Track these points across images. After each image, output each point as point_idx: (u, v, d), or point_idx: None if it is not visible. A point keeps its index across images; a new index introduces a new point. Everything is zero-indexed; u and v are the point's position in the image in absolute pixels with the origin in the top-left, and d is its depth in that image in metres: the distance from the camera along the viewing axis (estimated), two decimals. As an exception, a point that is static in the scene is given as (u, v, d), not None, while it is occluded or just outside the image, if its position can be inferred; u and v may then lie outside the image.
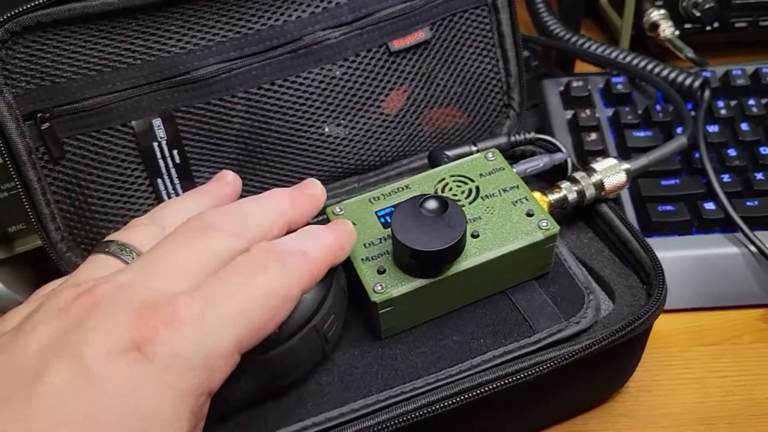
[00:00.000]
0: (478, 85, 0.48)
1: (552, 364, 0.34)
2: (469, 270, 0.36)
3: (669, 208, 0.48)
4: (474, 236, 0.37)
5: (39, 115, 0.38)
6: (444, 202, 0.35)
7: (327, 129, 0.45)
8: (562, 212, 0.43)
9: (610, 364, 0.39)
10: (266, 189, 0.44)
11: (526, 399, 0.37)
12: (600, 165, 0.42)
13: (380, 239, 0.37)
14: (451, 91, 0.47)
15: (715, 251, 0.46)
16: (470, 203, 0.39)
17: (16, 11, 0.36)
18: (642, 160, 0.43)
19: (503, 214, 0.38)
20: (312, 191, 0.33)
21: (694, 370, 0.44)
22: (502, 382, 0.34)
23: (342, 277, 0.36)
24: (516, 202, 0.38)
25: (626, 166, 0.42)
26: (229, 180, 0.36)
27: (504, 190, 0.39)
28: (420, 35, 0.44)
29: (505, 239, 0.37)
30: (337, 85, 0.44)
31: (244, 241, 0.28)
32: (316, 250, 0.29)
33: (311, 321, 0.33)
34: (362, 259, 0.36)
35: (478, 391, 0.34)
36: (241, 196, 0.44)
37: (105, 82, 0.39)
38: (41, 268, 0.52)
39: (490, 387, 0.34)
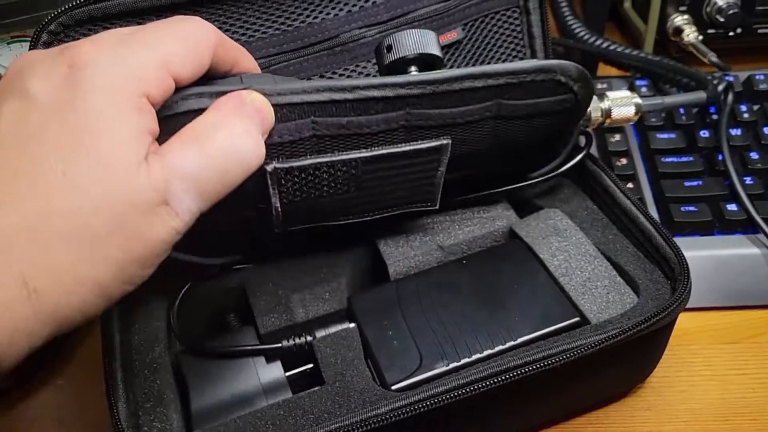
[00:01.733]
0: (507, 84, 0.49)
1: (579, 351, 0.35)
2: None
3: (691, 208, 0.49)
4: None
5: (87, 104, 0.40)
6: None
7: (360, 124, 0.46)
8: (585, 212, 0.44)
9: (634, 356, 0.40)
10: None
11: (550, 387, 0.38)
12: (612, 93, 0.42)
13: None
14: (480, 90, 0.48)
15: (737, 252, 0.47)
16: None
17: (71, 5, 0.38)
18: (656, 100, 0.44)
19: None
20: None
21: (715, 367, 0.45)
22: (530, 368, 0.35)
23: None
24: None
25: (638, 100, 0.42)
26: None
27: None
28: (453, 35, 0.46)
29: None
30: (371, 82, 0.45)
31: None
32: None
33: None
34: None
35: (506, 376, 0.35)
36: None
37: (150, 74, 0.41)
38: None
39: (518, 372, 0.35)
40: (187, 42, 0.29)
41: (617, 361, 0.39)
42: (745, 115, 0.54)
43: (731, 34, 0.62)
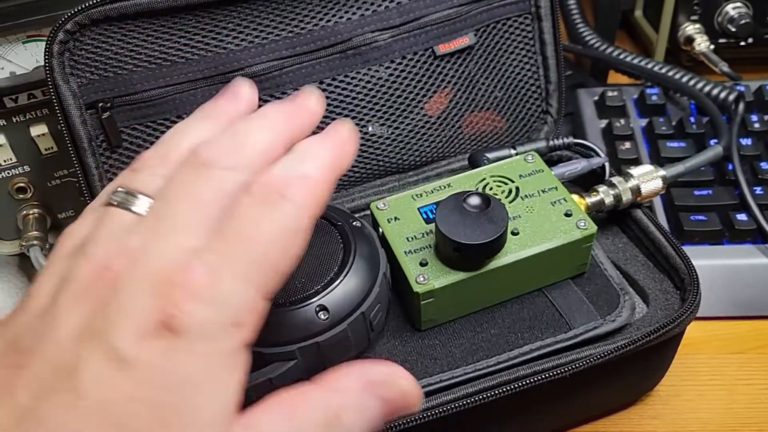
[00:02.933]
0: (518, 91, 0.49)
1: (588, 361, 0.35)
2: (508, 265, 0.37)
3: (701, 217, 0.48)
4: (514, 233, 0.38)
5: (100, 104, 0.40)
6: (486, 198, 0.36)
7: (371, 128, 0.46)
8: (597, 216, 0.44)
9: (642, 365, 0.40)
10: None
11: (560, 395, 0.38)
12: (637, 171, 0.43)
13: (422, 233, 0.39)
14: (491, 96, 0.48)
15: (746, 261, 0.47)
16: (510, 202, 0.40)
17: (87, 5, 0.38)
18: (678, 168, 0.44)
19: (542, 214, 0.39)
20: (309, 103, 0.29)
21: (723, 377, 0.44)
22: (540, 377, 0.35)
23: (387, 268, 0.37)
24: (554, 202, 0.40)
25: (662, 172, 0.43)
26: (243, 93, 0.30)
27: (543, 191, 0.40)
28: (464, 40, 0.46)
29: (543, 237, 0.38)
30: (383, 85, 0.45)
31: (245, 174, 0.26)
32: (317, 171, 0.26)
33: (360, 308, 0.34)
34: (405, 252, 0.38)
35: (516, 385, 0.35)
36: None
37: (164, 75, 0.41)
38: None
39: (528, 381, 0.35)
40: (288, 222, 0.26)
41: (626, 371, 0.39)
42: (756, 125, 0.54)
43: (743, 43, 0.62)
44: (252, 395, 0.34)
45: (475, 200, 0.36)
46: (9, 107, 0.43)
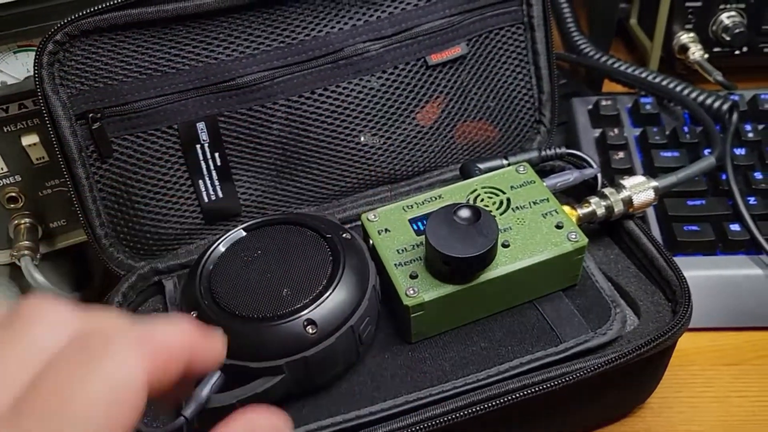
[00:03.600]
0: (511, 100, 0.49)
1: (578, 375, 0.35)
2: (499, 278, 0.37)
3: (694, 228, 0.48)
4: (504, 246, 0.38)
5: (90, 115, 0.40)
6: (477, 211, 0.36)
7: (363, 138, 0.46)
8: (589, 227, 0.43)
9: (634, 378, 0.39)
10: (303, 193, 0.46)
11: (551, 409, 0.38)
12: (629, 182, 0.43)
13: (413, 246, 0.39)
14: (484, 106, 0.48)
15: (740, 272, 0.47)
16: (501, 214, 0.40)
17: (77, 15, 0.38)
18: (670, 179, 0.44)
19: (533, 226, 0.39)
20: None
21: (716, 388, 0.44)
22: (529, 391, 0.35)
23: (377, 281, 0.37)
24: (546, 214, 0.40)
25: (654, 183, 0.43)
26: None
27: (534, 203, 0.40)
28: (457, 50, 0.46)
29: (534, 249, 0.38)
30: (375, 96, 0.45)
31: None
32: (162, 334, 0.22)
33: (348, 321, 0.34)
34: (395, 264, 0.38)
35: (505, 399, 0.34)
36: (279, 200, 0.46)
37: (154, 86, 0.41)
38: (80, 262, 0.54)
39: (517, 395, 0.35)
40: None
41: (617, 384, 0.39)
42: (750, 135, 0.53)
43: (737, 52, 0.62)
44: (240, 409, 0.34)
45: (465, 213, 0.36)
46: (0, 117, 0.43)
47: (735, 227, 0.48)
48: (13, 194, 0.46)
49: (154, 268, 0.43)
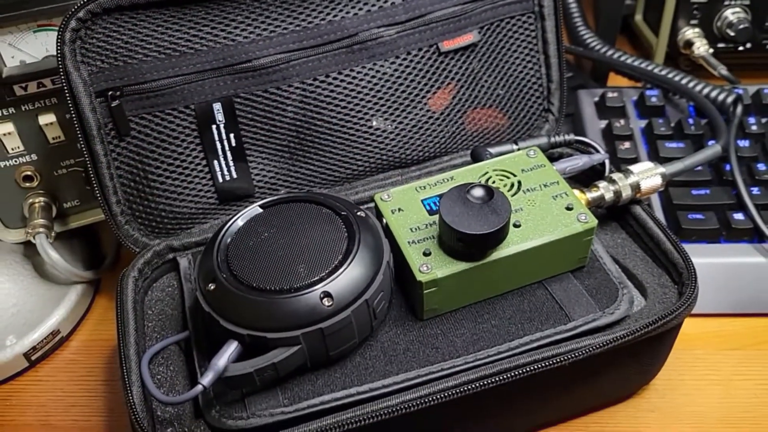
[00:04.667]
0: (521, 88, 0.50)
1: (587, 351, 0.36)
2: (510, 257, 0.38)
3: (699, 216, 0.49)
4: (516, 226, 0.39)
5: (110, 93, 0.41)
6: (490, 190, 0.37)
7: (375, 122, 0.47)
8: (596, 213, 0.44)
9: (640, 357, 0.40)
10: (315, 176, 0.47)
11: (560, 386, 0.39)
12: (637, 167, 0.44)
13: (426, 225, 0.39)
14: (494, 93, 0.49)
15: (743, 260, 0.47)
16: (512, 196, 0.41)
17: (99, -6, 0.38)
18: (677, 165, 0.45)
19: (544, 207, 0.40)
20: None
21: (720, 372, 0.45)
22: (540, 365, 0.35)
23: (390, 257, 0.38)
24: (556, 196, 0.40)
25: (662, 169, 0.44)
26: None
27: (545, 185, 0.41)
28: (469, 38, 0.46)
29: (545, 230, 0.39)
30: (388, 80, 0.46)
31: None
32: None
33: (363, 295, 0.35)
34: (408, 242, 0.38)
35: (516, 373, 0.35)
36: (292, 182, 0.47)
37: (173, 65, 0.41)
38: (92, 243, 0.54)
39: (528, 369, 0.35)
40: None
41: (623, 362, 0.39)
42: (754, 127, 0.54)
43: (741, 48, 0.63)
44: (256, 379, 0.35)
45: (478, 192, 0.37)
46: (18, 95, 0.44)
47: (738, 216, 0.49)
48: (29, 173, 0.47)
49: (169, 246, 0.44)
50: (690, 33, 0.62)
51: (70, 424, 0.44)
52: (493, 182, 0.42)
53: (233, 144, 0.44)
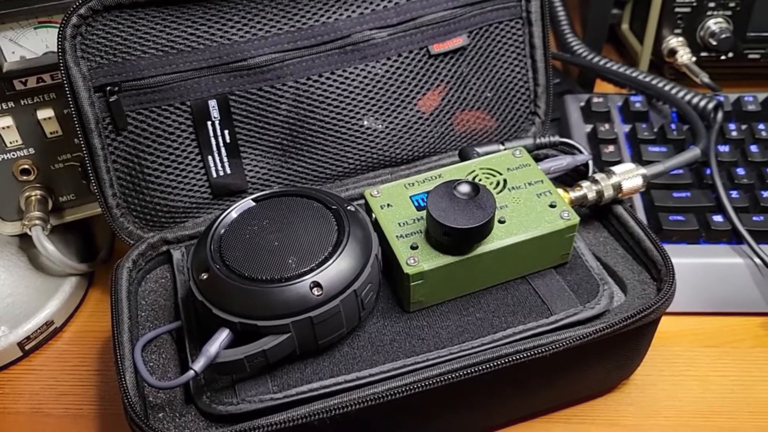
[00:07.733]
0: (508, 91, 0.51)
1: (568, 342, 0.37)
2: (495, 251, 0.39)
3: (679, 218, 0.51)
4: (501, 222, 0.40)
5: (108, 88, 0.42)
6: (476, 186, 0.38)
7: (366, 122, 0.48)
8: (579, 212, 0.46)
9: (620, 351, 0.41)
10: (307, 173, 0.48)
11: (540, 377, 0.40)
12: (619, 168, 0.45)
13: (414, 219, 0.41)
14: (482, 96, 0.51)
15: (721, 261, 0.49)
16: (498, 193, 0.42)
17: (100, -9, 0.40)
18: (658, 167, 0.47)
19: (528, 204, 0.41)
20: None
21: (697, 368, 0.46)
22: (521, 356, 0.37)
23: (379, 251, 0.39)
24: (540, 194, 0.42)
25: (643, 171, 0.45)
26: None
27: (529, 183, 0.42)
28: (458, 41, 0.48)
29: (529, 226, 0.40)
30: (379, 81, 0.47)
31: None
32: None
33: (352, 285, 0.36)
34: (397, 236, 0.40)
35: (498, 363, 0.36)
36: (285, 178, 0.48)
37: (170, 62, 0.43)
38: (87, 237, 0.55)
39: (510, 359, 0.36)
40: None
41: (604, 356, 0.41)
42: (734, 133, 0.56)
43: (723, 57, 0.65)
44: (246, 365, 0.36)
45: (465, 188, 0.38)
46: (18, 90, 0.45)
47: (718, 218, 0.50)
48: (26, 166, 0.48)
49: (163, 238, 0.45)
50: (674, 42, 0.64)
51: (62, 412, 0.44)
52: (480, 180, 0.43)
53: (228, 140, 0.46)
